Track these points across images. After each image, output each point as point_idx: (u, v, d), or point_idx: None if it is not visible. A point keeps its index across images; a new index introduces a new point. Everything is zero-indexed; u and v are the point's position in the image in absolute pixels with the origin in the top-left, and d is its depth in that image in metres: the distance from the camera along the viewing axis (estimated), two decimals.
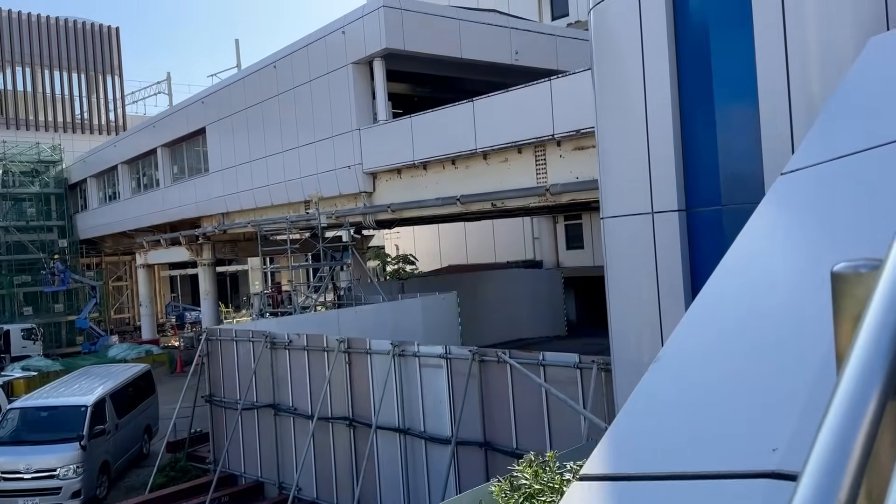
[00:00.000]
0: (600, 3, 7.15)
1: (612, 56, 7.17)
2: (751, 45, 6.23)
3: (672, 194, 6.68)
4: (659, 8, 6.64)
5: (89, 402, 12.75)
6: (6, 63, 44.82)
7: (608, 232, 7.40)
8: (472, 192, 17.75)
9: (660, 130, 6.69)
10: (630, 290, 7.21)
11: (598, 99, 7.42)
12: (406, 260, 41.17)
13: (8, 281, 37.72)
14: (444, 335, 17.56)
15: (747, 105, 6.30)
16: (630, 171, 7.00)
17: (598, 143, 7.47)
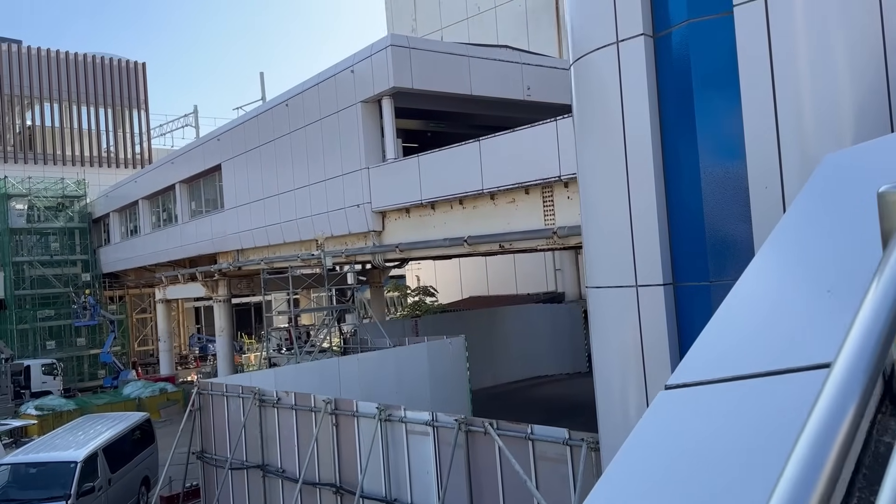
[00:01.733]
0: (580, 58, 6.69)
1: (592, 116, 6.69)
2: (738, 106, 5.72)
3: (657, 268, 6.15)
4: (639, 65, 6.16)
5: (79, 458, 12.43)
6: (35, 99, 45.80)
7: (592, 301, 6.86)
8: (480, 232, 17.30)
9: (643, 199, 6.18)
10: (615, 366, 6.65)
11: (579, 160, 6.93)
12: (426, 292, 40.89)
13: (31, 315, 38.09)
14: (451, 382, 17.05)
15: (735, 169, 5.77)
16: (613, 241, 6.48)
17: (581, 209, 6.97)
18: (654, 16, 6.13)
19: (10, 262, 37.59)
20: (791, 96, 5.45)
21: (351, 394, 14.96)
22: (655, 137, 6.18)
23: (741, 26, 5.57)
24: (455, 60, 20.42)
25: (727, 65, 5.77)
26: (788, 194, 5.44)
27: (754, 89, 5.54)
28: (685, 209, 6.10)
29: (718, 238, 5.97)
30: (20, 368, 32.50)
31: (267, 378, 13.63)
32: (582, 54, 6.68)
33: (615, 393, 6.81)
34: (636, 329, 6.29)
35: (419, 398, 16.31)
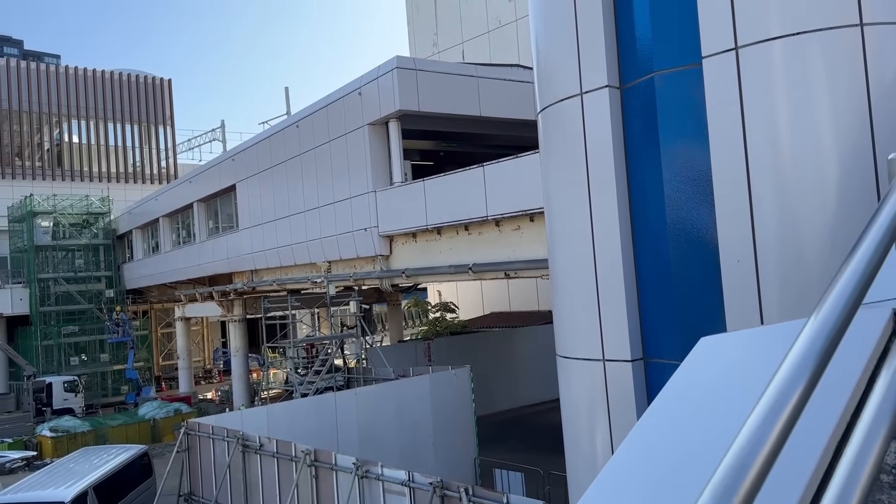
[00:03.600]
0: (545, 108, 6.18)
1: (557, 172, 6.18)
2: (708, 162, 5.15)
3: (624, 341, 5.60)
4: (604, 118, 5.62)
5: (66, 500, 12.20)
6: (63, 117, 46.54)
7: (560, 371, 6.33)
8: (486, 260, 16.80)
9: (609, 265, 5.64)
10: (583, 439, 6.10)
11: (547, 217, 6.42)
12: (446, 308, 40.35)
13: (56, 331, 38.52)
14: (456, 414, 16.55)
15: (705, 236, 5.21)
16: (578, 310, 5.94)
17: (550, 268, 6.45)
18: (620, 67, 5.61)
19: (35, 278, 38.10)
20: (766, 157, 4.88)
21: (349, 431, 14.56)
22: (622, 197, 5.64)
23: (710, 80, 5.02)
24: (463, 81, 19.99)
25: (696, 120, 5.22)
26: (764, 270, 4.86)
27: (724, 149, 4.98)
28: (655, 280, 5.55)
29: (690, 313, 5.41)
30: (42, 385, 32.78)
31: (259, 417, 13.29)
32: (547, 104, 6.18)
33: (582, 465, 6.25)
34: (604, 406, 5.74)
35: (422, 433, 15.84)
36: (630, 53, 5.50)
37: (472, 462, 16.83)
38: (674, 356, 5.40)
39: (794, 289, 4.80)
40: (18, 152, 45.09)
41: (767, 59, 4.75)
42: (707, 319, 5.26)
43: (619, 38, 5.51)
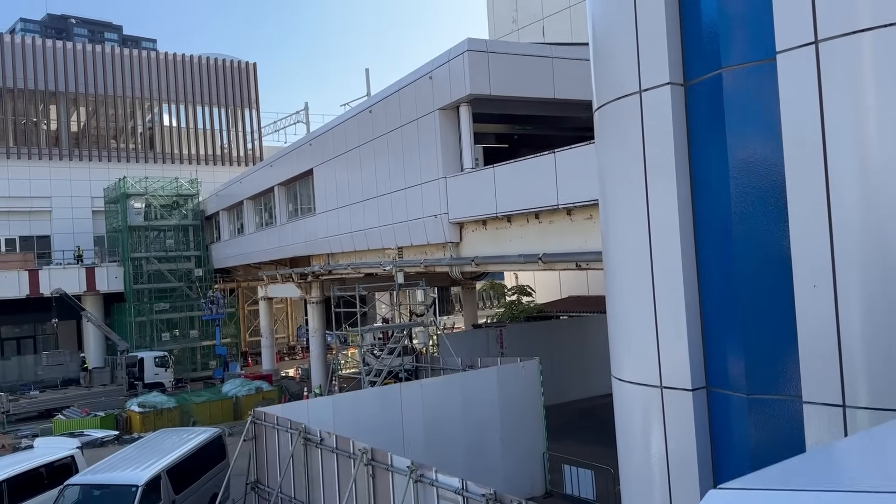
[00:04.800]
0: (601, 107, 5.64)
1: (614, 180, 5.64)
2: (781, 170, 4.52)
3: (685, 370, 5.06)
4: (664, 119, 5.05)
5: (140, 482, 12.59)
6: (155, 101, 48.37)
7: (615, 392, 5.84)
8: (556, 250, 16.24)
9: (668, 285, 5.10)
10: (638, 475, 5.61)
11: (602, 227, 5.90)
12: (522, 291, 39.84)
13: (148, 308, 40.35)
14: (524, 408, 16.17)
15: (779, 258, 4.59)
16: (634, 331, 5.43)
17: (605, 283, 5.94)
18: (684, 62, 5.01)
19: (128, 257, 39.95)
20: (849, 165, 4.21)
21: (414, 423, 14.42)
22: (684, 207, 5.07)
23: (785, 77, 4.37)
24: (537, 63, 19.28)
25: (768, 122, 4.59)
26: (844, 297, 4.22)
27: (800, 155, 4.34)
28: (719, 299, 4.98)
29: (759, 338, 4.81)
30: (134, 360, 34.42)
31: (325, 407, 13.31)
32: (603, 102, 5.64)
33: (638, 496, 5.77)
34: (661, 441, 5.24)
35: (488, 426, 15.56)
36: (695, 48, 4.90)
37: (540, 457, 16.45)
38: (740, 387, 4.84)
39: (881, 318, 4.16)
40: (114, 136, 47.25)
41: (854, 53, 4.08)
42: (778, 347, 4.67)
43: (683, 31, 4.92)
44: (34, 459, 14.43)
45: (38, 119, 44.24)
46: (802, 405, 4.34)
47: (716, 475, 5.01)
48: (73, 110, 45.97)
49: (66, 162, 44.84)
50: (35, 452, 15.18)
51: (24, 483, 13.62)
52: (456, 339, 24.49)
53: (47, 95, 44.37)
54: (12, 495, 13.22)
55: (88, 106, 46.20)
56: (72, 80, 44.93)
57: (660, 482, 5.26)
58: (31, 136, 43.90)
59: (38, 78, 43.77)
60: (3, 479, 13.22)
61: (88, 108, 46.26)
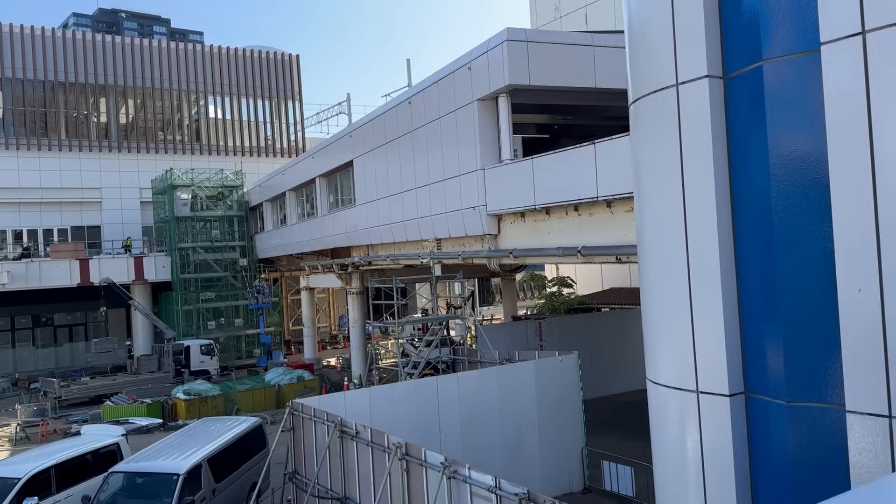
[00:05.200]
0: (636, 100, 5.45)
1: (649, 177, 5.45)
2: (824, 166, 4.28)
3: (722, 374, 4.88)
4: (702, 114, 4.84)
5: (182, 470, 12.85)
6: (201, 94, 49.18)
7: (650, 396, 5.67)
8: (596, 243, 15.98)
9: (705, 285, 4.92)
10: (672, 480, 5.44)
11: (637, 224, 5.72)
12: (563, 282, 39.48)
13: (195, 297, 41.19)
14: (562, 403, 16.00)
15: (821, 260, 4.37)
16: (669, 333, 5.25)
17: (640, 282, 5.76)
18: (723, 54, 4.80)
19: (175, 247, 40.80)
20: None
21: (450, 416, 14.40)
22: (722, 203, 4.87)
23: (830, 69, 4.14)
24: (578, 52, 18.95)
25: (811, 116, 4.35)
26: (892, 303, 3.98)
27: (845, 151, 4.11)
28: (759, 300, 4.77)
29: (800, 343, 4.60)
30: (181, 348, 35.20)
31: (361, 399, 13.37)
32: (638, 96, 5.46)
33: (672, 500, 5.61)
34: (697, 448, 5.06)
35: (526, 421, 15.45)
36: (735, 39, 4.69)
37: (579, 453, 16.27)
38: (780, 394, 4.64)
39: None
40: (162, 128, 48.23)
41: None
42: (821, 353, 4.46)
43: (722, 22, 4.70)
44: (81, 446, 14.85)
45: (88, 112, 45.41)
46: (846, 414, 4.13)
47: (754, 485, 4.82)
48: (122, 103, 47.05)
49: (116, 154, 45.95)
50: (82, 439, 15.63)
51: (71, 469, 14.04)
52: (494, 331, 24.38)
53: (97, 89, 45.48)
54: (60, 480, 13.64)
55: (137, 99, 47.23)
56: (120, 73, 45.97)
57: (695, 490, 5.10)
58: (82, 129, 45.09)
59: (89, 72, 44.88)
60: (53, 465, 13.65)
61: (137, 100, 47.29)
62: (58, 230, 44.17)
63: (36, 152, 43.27)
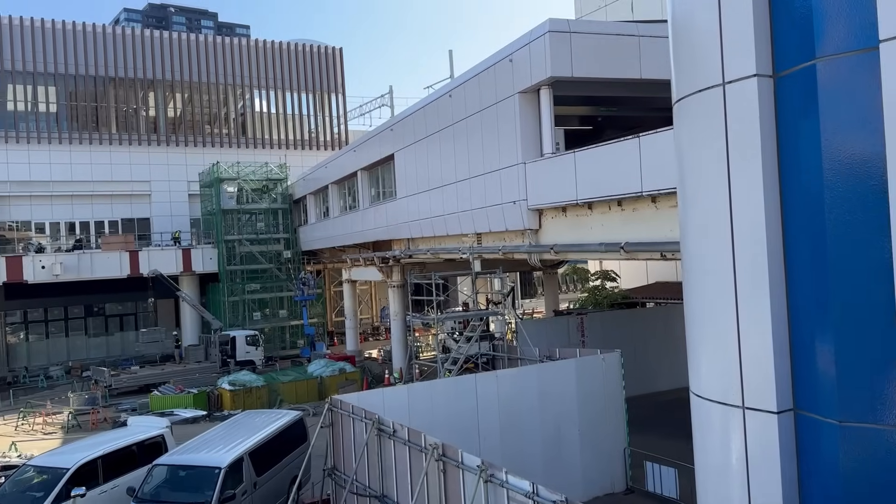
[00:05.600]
0: (681, 100, 5.20)
1: (692, 181, 5.20)
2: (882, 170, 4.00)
3: (769, 388, 4.62)
4: (750, 113, 4.58)
5: (223, 464, 13.00)
6: (246, 88, 49.81)
7: (694, 408, 5.44)
8: (639, 239, 15.61)
9: (753, 294, 4.66)
10: (718, 494, 5.20)
11: (681, 229, 5.47)
12: (607, 276, 38.93)
13: (241, 288, 41.86)
14: (604, 402, 15.71)
15: (881, 268, 4.08)
16: (714, 342, 5.01)
17: (684, 289, 5.52)
18: (773, 52, 4.52)
19: (222, 239, 41.48)
20: None
21: (489, 414, 14.26)
22: (771, 208, 4.60)
23: (889, 67, 3.84)
24: (622, 42, 18.50)
25: (868, 117, 4.06)
26: None
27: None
28: (811, 310, 4.50)
29: (856, 357, 4.31)
30: (227, 339, 35.81)
31: (400, 396, 13.34)
32: (682, 95, 5.20)
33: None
34: (742, 467, 4.82)
35: (566, 420, 15.22)
36: (786, 36, 4.41)
37: (621, 453, 15.97)
38: (833, 412, 4.37)
39: None
40: (209, 122, 49.03)
41: None
42: (878, 369, 4.18)
43: (773, 18, 4.43)
44: (127, 437, 15.18)
45: (137, 106, 46.40)
46: None
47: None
48: (170, 97, 47.94)
49: (164, 147, 46.88)
50: (128, 430, 15.98)
51: (117, 460, 14.35)
52: (535, 326, 24.13)
53: (146, 83, 46.42)
54: (107, 471, 13.96)
55: (184, 93, 48.08)
56: (168, 68, 46.82)
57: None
58: (131, 123, 46.11)
59: (138, 67, 45.82)
60: (100, 456, 13.97)
61: (184, 94, 48.13)
62: (108, 222, 45.33)
63: (87, 146, 44.40)
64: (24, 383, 36.51)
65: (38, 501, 12.62)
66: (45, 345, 42.86)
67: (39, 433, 24.16)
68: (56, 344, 43.07)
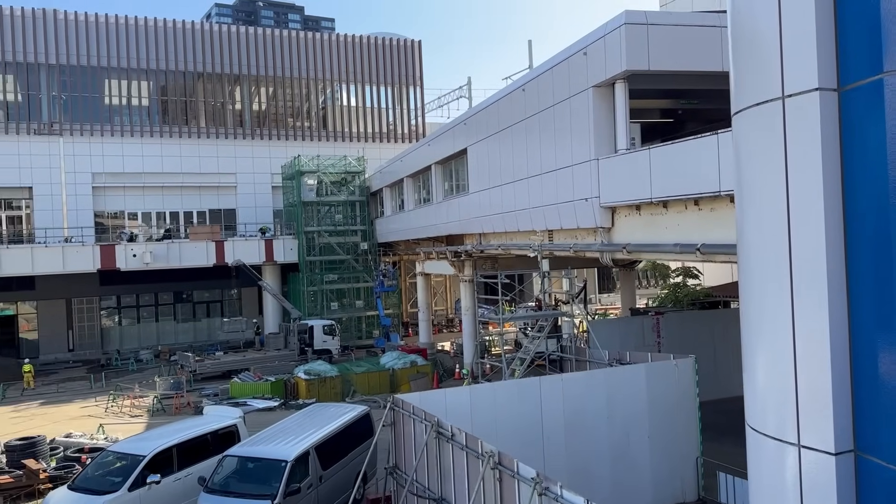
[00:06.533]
0: (739, 112, 4.85)
1: (750, 196, 4.85)
2: None
3: (827, 425, 4.26)
4: (811, 128, 4.21)
5: (290, 458, 13.29)
6: (327, 82, 50.77)
7: (749, 441, 5.10)
8: (717, 240, 14.94)
9: (811, 319, 4.31)
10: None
11: (739, 250, 5.12)
12: (688, 273, 37.66)
13: (319, 279, 42.85)
14: (676, 410, 15.19)
15: None
16: (770, 375, 4.67)
17: (741, 311, 5.17)
18: (839, 65, 4.13)
19: (302, 231, 42.54)
20: None
21: (554, 418, 14.01)
22: (833, 235, 4.23)
23: None
24: (702, 33, 17.69)
25: None
26: None
27: None
28: (876, 341, 4.11)
29: None
30: (305, 328, 36.75)
31: (462, 398, 13.28)
32: (739, 108, 4.86)
33: None
34: (797, 501, 4.48)
35: (635, 427, 14.80)
36: (853, 48, 4.02)
37: (693, 461, 15.41)
38: (893, 460, 3.99)
39: None
40: (292, 115, 50.29)
41: None
42: None
43: (838, 28, 4.05)
44: (202, 426, 15.75)
45: (224, 101, 48.03)
46: None
47: None
48: (255, 92, 49.41)
49: (249, 141, 48.41)
50: (204, 419, 16.59)
51: (192, 448, 14.92)
52: (608, 326, 23.59)
53: (233, 78, 47.98)
54: (181, 459, 14.54)
55: (269, 87, 49.44)
56: (254, 63, 48.23)
57: None
58: (219, 117, 47.80)
59: (225, 62, 47.40)
60: (175, 444, 14.57)
61: (269, 89, 49.51)
62: (197, 213, 47.23)
63: (178, 139, 46.34)
64: (116, 366, 38.61)
65: (116, 486, 13.28)
66: (136, 329, 45.21)
67: (126, 416, 25.49)
68: (146, 328, 45.35)
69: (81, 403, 28.36)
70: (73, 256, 36.86)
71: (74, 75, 43.77)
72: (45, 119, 43.20)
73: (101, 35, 44.21)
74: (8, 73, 42.51)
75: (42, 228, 41.06)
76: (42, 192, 42.47)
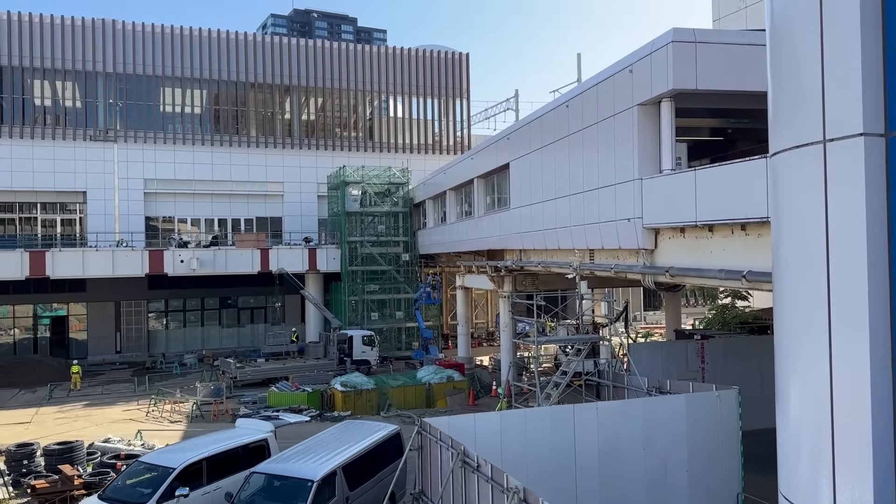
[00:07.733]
0: (776, 154, 4.50)
1: (788, 244, 4.48)
2: None
3: (866, 495, 3.87)
4: (855, 176, 3.85)
5: (316, 477, 13.16)
6: (375, 94, 51.11)
7: (781, 462, 4.71)
8: (764, 268, 14.31)
9: (849, 375, 3.93)
10: None
11: (774, 292, 4.75)
12: (737, 294, 36.54)
13: (361, 288, 42.99)
14: (717, 444, 14.58)
15: None
16: (804, 442, 4.29)
17: (776, 371, 4.79)
18: (887, 110, 3.77)
19: (345, 241, 42.79)
20: None
21: (588, 447, 13.58)
22: (878, 295, 3.85)
23: None
24: (753, 52, 17.06)
25: None
26: None
27: None
28: None
29: None
30: (345, 338, 36.86)
31: (492, 423, 12.97)
32: (777, 150, 4.50)
33: None
34: None
35: (673, 459, 14.25)
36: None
37: (734, 497, 14.76)
38: None
39: None
40: (339, 126, 50.76)
41: None
42: None
43: (886, 71, 3.69)
44: (233, 440, 15.76)
45: (274, 111, 48.76)
46: None
47: None
48: (305, 103, 50.04)
49: (297, 150, 49.01)
50: (235, 432, 16.60)
51: (221, 462, 14.93)
52: (649, 350, 22.95)
53: (283, 89, 48.69)
54: (210, 472, 14.56)
55: (318, 98, 50.02)
56: (304, 74, 48.88)
57: None
58: (268, 127, 48.54)
59: (276, 73, 48.15)
60: (205, 458, 14.60)
61: (318, 100, 50.09)
62: (244, 220, 47.97)
63: (228, 148, 47.19)
64: (161, 369, 39.32)
65: (145, 498, 13.35)
66: (182, 333, 46.07)
67: (166, 421, 25.84)
68: (192, 333, 46.16)
69: (124, 406, 28.89)
70: (123, 260, 37.77)
71: (131, 83, 45.00)
72: (101, 126, 44.49)
73: (158, 45, 45.37)
74: (67, 81, 43.94)
75: (94, 232, 42.21)
76: (95, 196, 43.68)
